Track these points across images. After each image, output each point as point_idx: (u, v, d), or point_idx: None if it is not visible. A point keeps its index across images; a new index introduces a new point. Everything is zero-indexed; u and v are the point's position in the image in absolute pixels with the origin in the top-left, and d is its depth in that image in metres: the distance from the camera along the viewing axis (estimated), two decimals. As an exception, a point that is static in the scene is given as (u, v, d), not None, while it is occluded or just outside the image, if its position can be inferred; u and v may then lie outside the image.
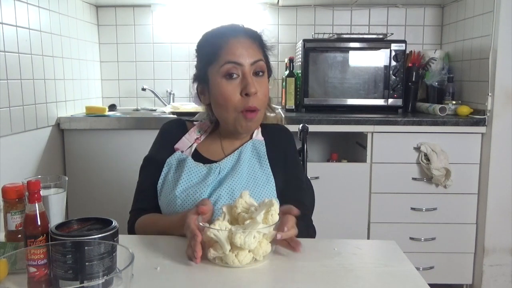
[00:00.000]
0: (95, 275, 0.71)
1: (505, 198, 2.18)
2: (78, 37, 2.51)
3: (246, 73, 1.09)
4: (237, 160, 1.17)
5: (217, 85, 1.11)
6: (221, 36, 1.12)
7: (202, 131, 1.23)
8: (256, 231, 0.84)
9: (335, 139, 2.71)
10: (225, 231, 0.85)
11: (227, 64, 1.09)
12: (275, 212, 0.87)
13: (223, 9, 2.74)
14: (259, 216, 0.86)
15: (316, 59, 2.43)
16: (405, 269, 0.87)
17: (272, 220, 0.87)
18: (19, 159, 1.94)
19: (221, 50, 1.10)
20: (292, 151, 1.26)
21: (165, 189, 1.15)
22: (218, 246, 0.85)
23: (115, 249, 0.74)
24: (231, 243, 0.84)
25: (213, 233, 0.84)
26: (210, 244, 0.86)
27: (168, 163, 1.18)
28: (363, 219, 2.27)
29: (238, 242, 0.83)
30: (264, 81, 1.13)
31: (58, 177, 1.02)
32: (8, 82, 1.83)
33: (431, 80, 2.54)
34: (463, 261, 2.29)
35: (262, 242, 0.86)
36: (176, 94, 2.83)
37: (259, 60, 1.11)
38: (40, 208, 0.81)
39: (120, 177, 2.27)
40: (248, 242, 0.83)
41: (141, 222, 1.15)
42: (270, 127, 1.27)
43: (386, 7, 2.79)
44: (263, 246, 0.86)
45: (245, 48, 1.10)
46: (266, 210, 0.87)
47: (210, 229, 0.85)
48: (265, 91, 1.13)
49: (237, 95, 1.09)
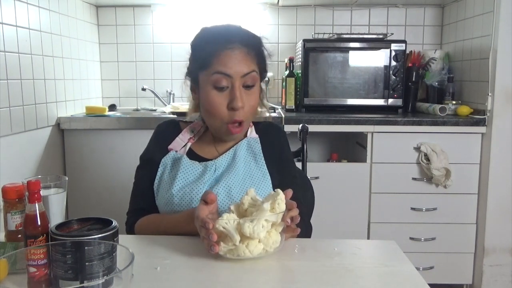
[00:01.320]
0: (95, 275, 0.71)
1: (505, 198, 2.18)
2: (78, 37, 2.51)
3: (235, 86, 1.08)
4: (232, 158, 1.17)
5: (206, 93, 1.11)
6: (216, 43, 1.09)
7: (195, 131, 1.23)
8: (264, 220, 0.85)
9: (335, 139, 2.71)
10: (234, 222, 0.85)
11: (217, 74, 1.08)
12: (281, 201, 0.87)
13: (223, 9, 2.74)
14: (266, 204, 0.87)
15: (316, 59, 2.43)
16: (405, 269, 0.87)
17: (279, 208, 0.87)
18: (19, 159, 1.94)
19: (213, 58, 1.08)
20: (285, 148, 1.26)
21: (162, 188, 1.15)
22: (228, 239, 0.85)
23: (115, 249, 0.74)
24: (240, 234, 0.84)
25: (222, 226, 0.85)
26: (220, 238, 0.87)
27: (163, 162, 1.18)
28: (363, 219, 2.27)
29: (247, 232, 0.83)
30: (253, 93, 1.12)
31: (58, 177, 1.02)
32: (8, 82, 1.83)
33: (431, 80, 2.54)
34: (463, 261, 2.29)
35: (271, 232, 0.87)
36: (176, 94, 2.83)
37: (251, 71, 1.09)
38: (40, 208, 0.81)
39: (120, 177, 2.27)
40: (257, 231, 0.83)
41: (142, 222, 1.14)
42: (263, 124, 1.27)
43: (386, 7, 2.79)
44: (273, 236, 0.87)
45: (237, 59, 1.08)
46: (272, 200, 0.88)
47: (219, 222, 0.85)
48: (253, 103, 1.13)
49: (224, 107, 1.10)
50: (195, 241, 1.00)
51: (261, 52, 1.15)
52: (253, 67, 1.11)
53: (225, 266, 0.86)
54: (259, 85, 1.16)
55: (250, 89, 1.11)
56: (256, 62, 1.12)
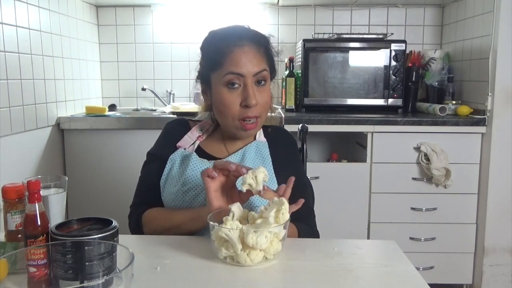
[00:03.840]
0: (95, 275, 0.71)
1: (505, 198, 2.18)
2: (78, 37, 2.51)
3: (248, 84, 1.08)
4: (241, 160, 1.17)
5: (219, 93, 1.11)
6: (226, 43, 1.10)
7: (204, 129, 1.23)
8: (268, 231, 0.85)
9: (335, 139, 2.71)
10: (237, 230, 0.85)
11: (229, 75, 1.08)
12: (285, 211, 0.88)
13: (223, 9, 2.74)
14: (271, 217, 0.87)
15: (316, 59, 2.43)
16: (405, 269, 0.87)
17: (283, 219, 0.88)
18: (19, 159, 1.94)
19: (224, 59, 1.09)
20: (295, 154, 1.27)
21: (169, 184, 1.15)
22: (230, 245, 0.86)
23: (115, 249, 0.74)
24: (242, 242, 0.84)
25: (225, 233, 0.85)
26: (221, 242, 0.87)
27: (171, 159, 1.18)
28: (363, 219, 2.27)
29: (250, 242, 0.83)
30: (265, 90, 1.12)
31: (58, 177, 1.02)
32: (8, 82, 1.83)
33: (431, 80, 2.54)
34: (463, 261, 2.29)
35: (273, 241, 0.87)
36: (176, 94, 2.83)
37: (262, 70, 1.10)
38: (40, 208, 0.81)
39: (120, 177, 2.27)
40: (260, 242, 0.84)
41: (152, 213, 1.14)
42: (272, 128, 1.27)
43: (386, 7, 2.79)
44: (274, 245, 0.87)
45: (249, 58, 1.08)
46: (276, 209, 0.88)
47: (222, 229, 0.85)
48: (267, 99, 1.13)
49: (237, 105, 1.09)
50: (195, 241, 1.00)
51: (270, 51, 1.16)
52: (264, 65, 1.11)
53: (225, 266, 0.86)
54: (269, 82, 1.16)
55: (262, 86, 1.11)
56: (266, 60, 1.13)
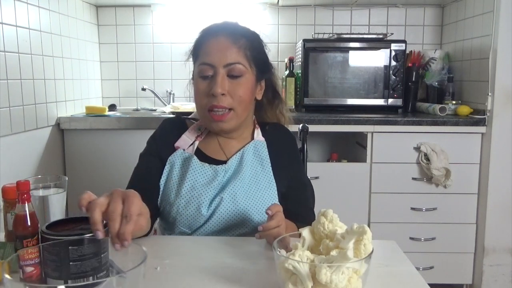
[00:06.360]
0: (80, 275, 0.70)
1: (505, 198, 2.18)
2: (78, 37, 2.51)
3: (217, 74, 1.08)
4: (239, 162, 1.16)
5: (194, 84, 1.13)
6: (204, 35, 1.13)
7: (202, 128, 1.22)
8: (346, 266, 0.69)
9: (335, 139, 2.71)
10: (307, 263, 0.71)
11: (202, 65, 1.10)
12: (368, 241, 0.72)
13: (223, 9, 2.74)
14: (350, 251, 0.71)
15: (316, 59, 2.43)
16: (405, 269, 0.87)
17: (365, 252, 0.72)
18: (19, 159, 1.94)
19: (200, 50, 1.12)
20: (294, 152, 1.25)
21: (169, 187, 1.14)
22: (298, 280, 0.70)
23: (104, 250, 0.72)
24: (313, 277, 0.69)
25: (292, 265, 0.70)
26: (288, 275, 0.72)
27: (170, 161, 1.16)
28: (363, 219, 2.27)
29: (324, 280, 0.67)
30: (241, 83, 1.10)
31: (58, 177, 1.02)
32: (8, 82, 1.83)
33: (431, 80, 2.54)
34: (463, 261, 2.29)
35: (351, 277, 0.70)
36: (176, 94, 2.83)
37: (234, 63, 1.09)
38: (30, 208, 0.81)
39: (120, 177, 2.25)
40: (335, 281, 0.68)
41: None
42: (270, 126, 1.26)
43: (386, 7, 2.79)
44: (353, 283, 0.70)
45: (220, 49, 1.09)
46: (356, 238, 0.72)
47: (289, 260, 0.70)
48: (242, 94, 1.10)
49: (204, 94, 1.10)
50: (195, 241, 1.00)
51: (255, 48, 1.14)
52: (240, 58, 1.10)
53: (225, 266, 0.86)
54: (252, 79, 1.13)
55: (236, 79, 1.10)
56: (244, 54, 1.11)
